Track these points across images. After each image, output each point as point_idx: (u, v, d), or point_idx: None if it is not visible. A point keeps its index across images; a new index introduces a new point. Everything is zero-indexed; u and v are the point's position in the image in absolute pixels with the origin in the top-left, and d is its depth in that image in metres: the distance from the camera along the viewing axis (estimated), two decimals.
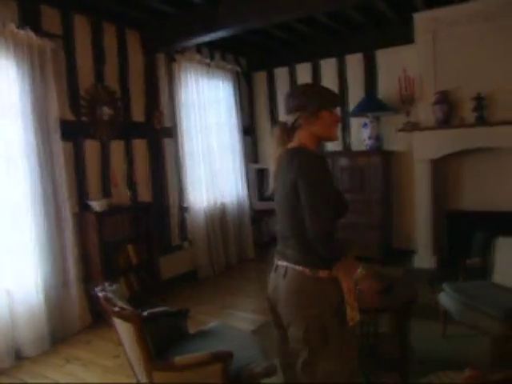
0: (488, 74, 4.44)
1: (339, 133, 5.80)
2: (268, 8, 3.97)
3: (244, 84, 6.35)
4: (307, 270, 1.74)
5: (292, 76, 6.13)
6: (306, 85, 2.01)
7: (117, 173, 4.33)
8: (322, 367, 1.74)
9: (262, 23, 4.37)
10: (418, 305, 2.83)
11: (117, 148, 4.39)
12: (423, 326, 3.29)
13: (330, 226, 1.66)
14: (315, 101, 1.80)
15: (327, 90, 1.90)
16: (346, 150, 5.77)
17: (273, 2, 3.94)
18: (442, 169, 4.94)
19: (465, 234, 4.58)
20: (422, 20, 4.72)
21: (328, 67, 5.82)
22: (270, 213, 5.89)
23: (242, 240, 5.96)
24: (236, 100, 5.93)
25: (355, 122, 5.62)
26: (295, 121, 1.83)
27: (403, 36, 4.99)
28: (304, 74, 5.99)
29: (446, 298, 3.11)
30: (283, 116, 1.92)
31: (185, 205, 5.18)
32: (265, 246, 6.07)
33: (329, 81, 5.73)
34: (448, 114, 4.59)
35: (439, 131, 4.66)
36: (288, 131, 1.87)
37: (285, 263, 1.82)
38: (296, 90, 1.92)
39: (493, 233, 3.42)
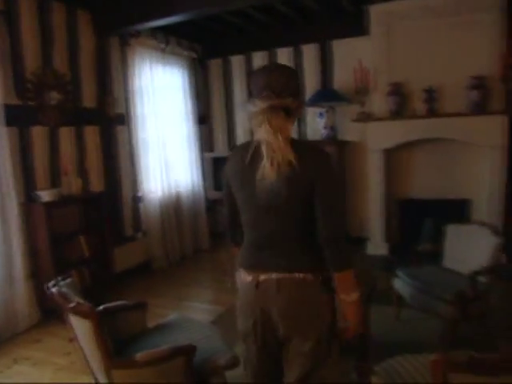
0: (438, 68, 4.60)
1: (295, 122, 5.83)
2: None
3: (199, 71, 6.22)
4: (310, 276, 1.54)
5: (248, 64, 6.07)
6: (288, 67, 1.63)
7: (67, 161, 4.11)
8: (321, 376, 1.60)
9: (220, 9, 4.28)
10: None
11: (67, 135, 4.17)
12: (378, 310, 3.38)
13: (343, 228, 1.59)
14: (297, 85, 1.59)
15: None
16: (302, 139, 5.81)
17: None
18: (395, 158, 5.08)
19: (415, 222, 4.77)
20: (376, 13, 4.80)
21: (284, 56, 5.81)
22: None
23: (197, 230, 5.88)
24: (191, 87, 5.81)
25: (311, 112, 5.66)
26: (290, 105, 1.53)
27: (359, 28, 5.05)
28: (260, 62, 5.94)
29: (400, 284, 3.21)
30: (244, 102, 1.67)
31: (139, 194, 5.04)
32: (220, 236, 6.02)
33: None
34: (401, 105, 4.73)
35: (392, 122, 4.79)
36: (269, 114, 1.52)
37: (273, 276, 1.56)
38: (293, 71, 1.61)
39: (441, 220, 3.58)
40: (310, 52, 5.65)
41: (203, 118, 6.25)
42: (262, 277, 1.58)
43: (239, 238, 1.75)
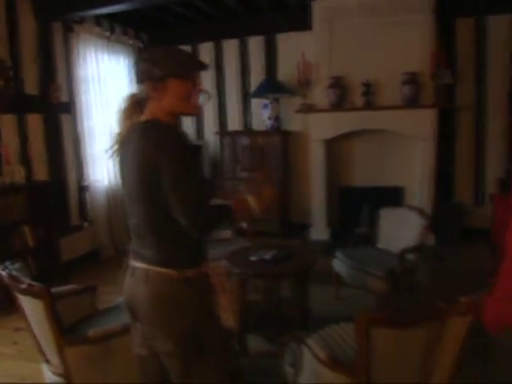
0: (375, 64, 4.91)
1: (239, 113, 5.98)
2: None
3: None
4: (173, 272, 1.48)
5: (195, 55, 6.12)
6: (157, 48, 1.56)
7: (9, 149, 4.02)
8: (199, 376, 1.53)
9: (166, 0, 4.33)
10: (314, 272, 3.12)
11: (8, 123, 4.07)
12: (319, 290, 3.63)
13: (199, 199, 1.41)
14: (162, 67, 1.47)
15: (183, 53, 1.54)
16: (247, 129, 5.97)
17: None
18: (336, 148, 5.37)
19: (355, 208, 5.09)
20: (319, 8, 5.03)
21: (230, 48, 5.93)
22: None
23: None
24: None
25: (256, 103, 5.83)
26: (142, 91, 1.54)
27: (303, 22, 5.24)
28: (206, 53, 6.02)
29: (338, 264, 3.48)
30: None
31: (84, 183, 5.00)
32: None
33: (231, 61, 5.88)
34: (341, 97, 5.00)
35: (333, 113, 5.06)
36: (138, 104, 1.57)
37: (144, 265, 1.52)
38: (143, 55, 1.55)
39: (378, 206, 3.88)
40: (255, 44, 5.81)
41: None
42: (137, 264, 1.56)
43: None
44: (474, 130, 5.21)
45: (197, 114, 1.68)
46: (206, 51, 6.03)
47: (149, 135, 1.43)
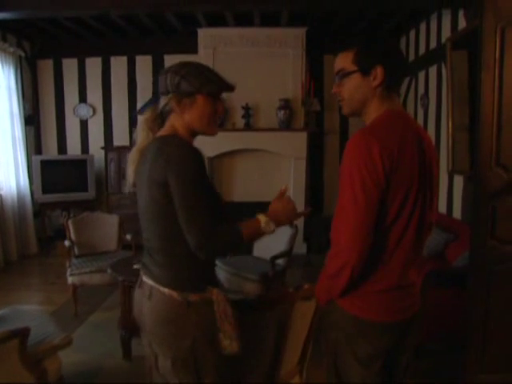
0: (255, 89, 5.43)
1: (125, 129, 6.09)
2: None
3: (28, 70, 6.01)
4: (176, 294, 1.45)
5: (81, 68, 6.10)
6: (187, 62, 1.52)
7: None
8: None
9: (53, 14, 4.36)
10: None
11: None
12: None
13: (209, 226, 1.37)
14: (192, 82, 1.44)
15: (214, 72, 1.52)
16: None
17: None
18: (218, 165, 5.75)
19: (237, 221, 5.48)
20: (204, 35, 5.44)
21: (118, 65, 6.04)
22: (54, 206, 5.78)
23: (24, 235, 5.67)
24: (18, 86, 5.58)
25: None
26: (165, 104, 1.49)
27: (190, 46, 5.55)
28: (93, 67, 6.05)
29: (217, 271, 3.79)
30: (78, 107, 1.62)
31: None
32: (50, 241, 5.89)
33: (119, 78, 6.00)
34: (223, 118, 5.41)
35: None
36: (159, 116, 1.55)
37: (150, 281, 1.51)
38: (172, 66, 1.50)
39: None
40: (143, 63, 6.00)
41: (31, 119, 6.04)
42: (144, 278, 1.55)
43: None
44: (338, 151, 5.98)
45: (215, 134, 1.57)
46: (92, 65, 6.05)
47: (163, 151, 1.40)
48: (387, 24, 5.24)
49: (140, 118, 1.60)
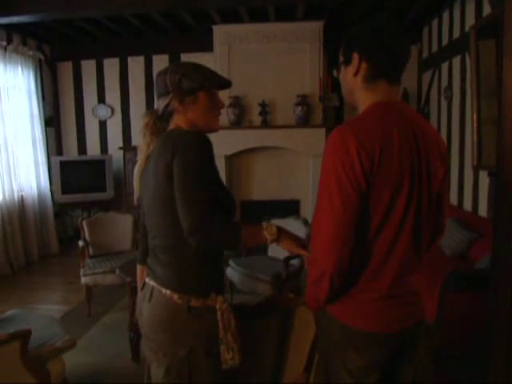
0: (271, 86, 5.34)
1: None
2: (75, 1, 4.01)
3: (48, 73, 6.09)
4: (177, 297, 1.38)
5: (99, 69, 6.14)
6: (184, 62, 1.57)
7: None
8: None
9: (67, 16, 4.38)
10: None
11: None
12: None
13: (206, 213, 1.31)
14: (192, 79, 1.44)
15: (209, 69, 1.53)
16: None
17: None
18: (236, 164, 5.67)
19: (255, 220, 5.35)
20: (219, 32, 5.36)
21: (136, 65, 6.04)
22: (73, 206, 5.83)
23: (45, 235, 5.74)
24: (38, 89, 5.66)
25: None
26: (167, 105, 1.46)
27: (205, 44, 5.50)
28: (111, 68, 6.08)
29: (230, 271, 3.72)
30: (97, 107, 1.56)
31: None
32: (70, 241, 5.95)
33: (136, 78, 6.00)
34: (239, 116, 5.33)
35: (232, 131, 5.36)
36: (160, 119, 1.52)
37: (152, 282, 1.45)
38: (170, 67, 1.49)
39: (276, 218, 4.18)
40: (160, 62, 5.96)
41: (52, 121, 6.12)
42: (147, 279, 1.50)
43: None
44: None
45: (218, 129, 1.56)
46: (110, 67, 6.08)
47: (168, 142, 1.38)
48: (409, 13, 5.03)
49: (139, 124, 1.57)
